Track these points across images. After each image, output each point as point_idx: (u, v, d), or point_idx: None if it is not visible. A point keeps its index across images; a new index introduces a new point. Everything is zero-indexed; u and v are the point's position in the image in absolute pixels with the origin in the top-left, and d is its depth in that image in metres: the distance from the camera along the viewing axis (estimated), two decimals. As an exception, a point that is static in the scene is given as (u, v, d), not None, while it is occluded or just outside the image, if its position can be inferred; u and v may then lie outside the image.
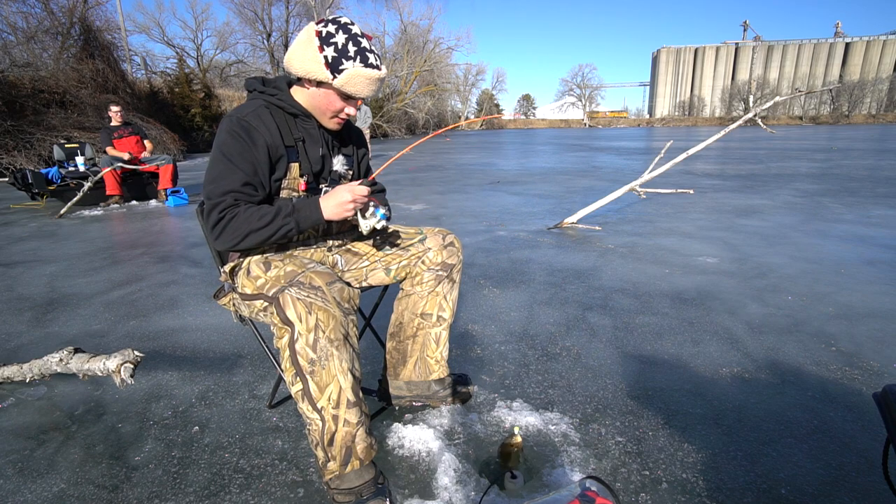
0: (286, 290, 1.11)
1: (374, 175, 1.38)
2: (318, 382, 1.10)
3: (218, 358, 1.99)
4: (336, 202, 1.23)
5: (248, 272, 1.26)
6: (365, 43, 1.22)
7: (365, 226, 1.30)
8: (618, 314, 2.36)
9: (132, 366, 1.53)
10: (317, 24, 1.23)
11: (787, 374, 1.78)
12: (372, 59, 1.22)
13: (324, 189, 1.37)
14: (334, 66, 1.20)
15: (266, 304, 1.17)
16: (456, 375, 1.64)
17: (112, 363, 1.53)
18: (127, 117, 7.12)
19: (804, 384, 1.71)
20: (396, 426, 1.48)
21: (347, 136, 1.48)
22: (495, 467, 1.32)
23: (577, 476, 1.27)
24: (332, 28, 1.21)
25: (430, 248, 1.47)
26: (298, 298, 1.09)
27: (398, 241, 1.50)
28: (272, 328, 1.16)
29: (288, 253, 1.36)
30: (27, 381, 1.75)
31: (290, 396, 1.62)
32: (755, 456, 1.35)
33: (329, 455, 1.14)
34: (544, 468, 1.31)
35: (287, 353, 1.11)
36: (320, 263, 1.26)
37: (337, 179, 1.43)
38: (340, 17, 1.24)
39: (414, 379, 1.56)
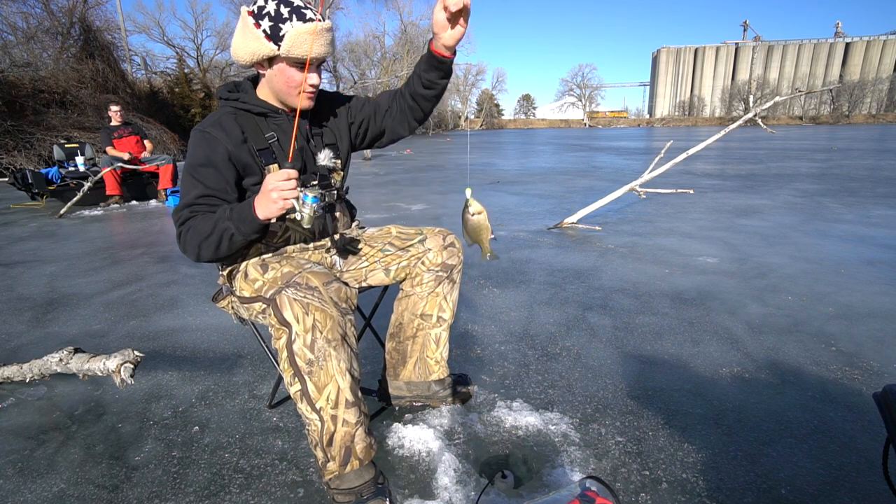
0: (283, 291, 1.11)
1: (291, 154, 1.20)
2: (317, 383, 1.10)
3: (218, 358, 1.99)
4: (263, 195, 1.09)
5: (246, 275, 1.26)
6: (297, 1, 1.17)
7: (303, 217, 1.09)
8: (618, 314, 2.36)
9: (132, 366, 1.53)
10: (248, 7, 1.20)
11: (787, 374, 1.78)
12: (309, 14, 1.16)
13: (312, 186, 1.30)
14: (274, 35, 1.15)
15: (264, 306, 1.16)
16: (456, 375, 1.64)
17: (112, 363, 1.53)
18: (127, 117, 7.12)
19: (804, 384, 1.71)
20: (396, 426, 1.48)
21: (325, 114, 1.41)
22: (496, 467, 1.32)
23: (577, 476, 1.27)
24: (261, 2, 1.17)
25: (430, 249, 1.47)
26: (295, 299, 1.09)
27: (358, 248, 1.45)
28: (270, 329, 1.16)
29: (285, 255, 1.36)
30: (27, 381, 1.75)
31: (290, 396, 1.62)
32: (755, 456, 1.35)
33: (328, 455, 1.14)
34: (544, 468, 1.31)
35: (285, 353, 1.11)
36: (318, 264, 1.26)
37: (326, 175, 1.39)
38: None
39: (414, 379, 1.56)
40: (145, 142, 6.63)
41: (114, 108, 6.54)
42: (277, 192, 1.07)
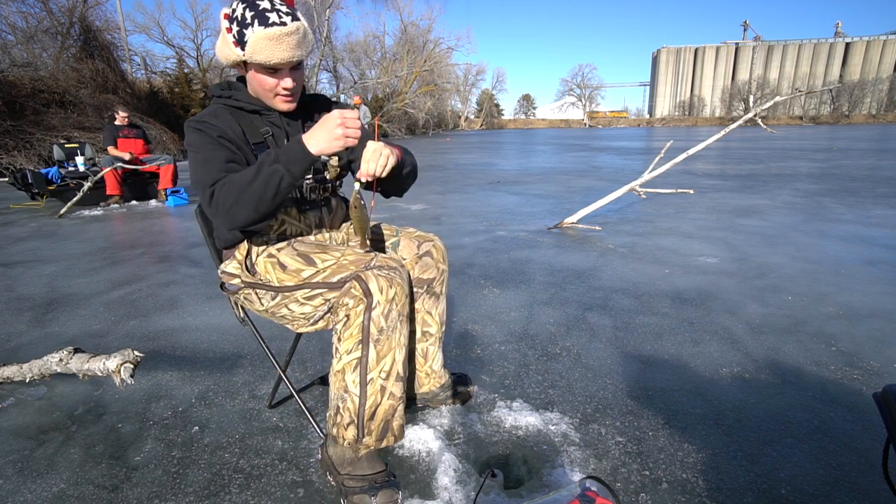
0: (368, 270, 1.15)
1: (377, 138, 1.18)
2: (380, 351, 1.14)
3: (218, 358, 1.99)
4: (324, 129, 1.08)
5: (284, 267, 1.23)
6: (265, 3, 1.12)
7: (331, 170, 1.34)
8: (618, 314, 2.36)
9: (132, 366, 1.53)
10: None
11: (787, 374, 1.78)
12: (273, 17, 1.11)
13: (307, 180, 1.34)
14: (240, 41, 1.14)
15: (323, 290, 1.17)
16: (456, 375, 1.64)
17: (112, 363, 1.53)
18: (132, 120, 7.12)
19: (804, 384, 1.71)
20: (396, 426, 1.47)
21: (320, 114, 1.40)
22: (495, 467, 1.32)
23: (577, 476, 1.27)
24: (234, 3, 1.15)
25: (403, 259, 1.41)
26: (381, 275, 1.13)
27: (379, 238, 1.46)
28: (340, 302, 1.14)
29: (310, 242, 1.33)
30: (27, 381, 1.75)
31: (289, 396, 1.62)
32: (755, 456, 1.35)
33: (366, 430, 1.16)
34: (544, 468, 1.31)
35: (359, 320, 1.12)
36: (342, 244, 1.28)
37: (321, 168, 1.38)
38: None
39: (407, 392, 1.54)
40: (139, 140, 6.60)
41: (122, 113, 6.54)
42: (344, 128, 1.06)
